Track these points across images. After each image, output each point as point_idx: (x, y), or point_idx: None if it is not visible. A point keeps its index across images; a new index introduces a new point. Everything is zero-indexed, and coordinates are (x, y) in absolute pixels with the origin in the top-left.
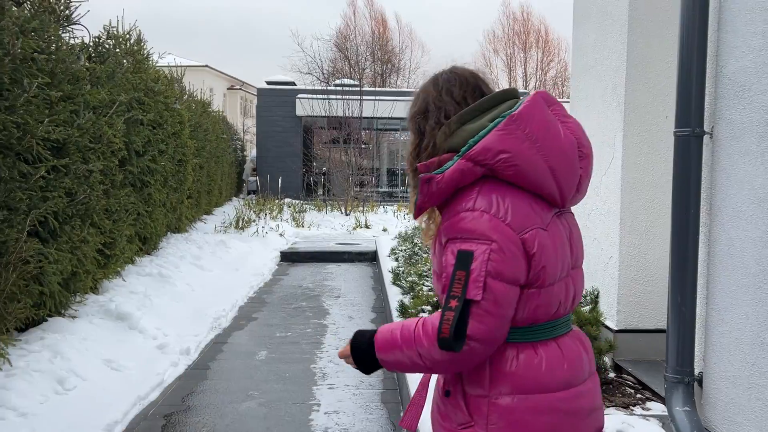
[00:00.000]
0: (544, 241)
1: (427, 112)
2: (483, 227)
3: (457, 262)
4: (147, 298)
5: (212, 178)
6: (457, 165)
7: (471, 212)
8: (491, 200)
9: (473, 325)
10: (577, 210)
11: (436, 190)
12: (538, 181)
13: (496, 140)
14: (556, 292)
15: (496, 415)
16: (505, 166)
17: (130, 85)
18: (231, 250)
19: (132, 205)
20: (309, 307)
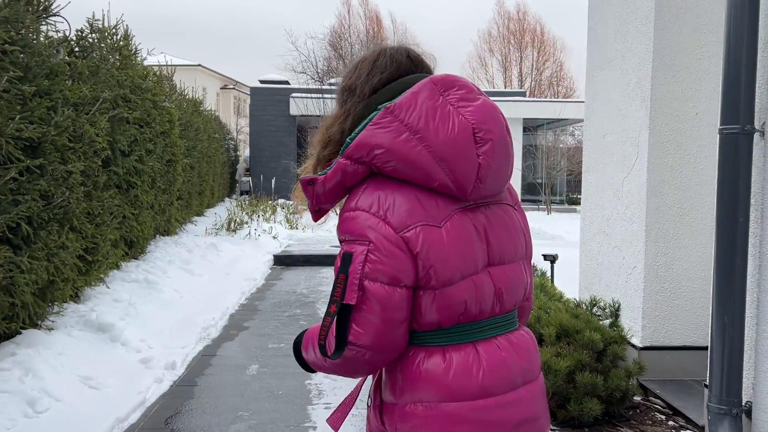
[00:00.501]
0: (431, 238)
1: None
2: (360, 227)
3: (340, 265)
4: (132, 306)
5: (204, 179)
6: (337, 165)
7: (352, 212)
8: (373, 198)
9: (353, 330)
10: (595, 215)
11: (323, 192)
12: (423, 175)
13: (369, 135)
14: (460, 293)
15: (403, 423)
16: (382, 163)
17: (115, 81)
18: (222, 254)
19: (117, 207)
20: (303, 315)
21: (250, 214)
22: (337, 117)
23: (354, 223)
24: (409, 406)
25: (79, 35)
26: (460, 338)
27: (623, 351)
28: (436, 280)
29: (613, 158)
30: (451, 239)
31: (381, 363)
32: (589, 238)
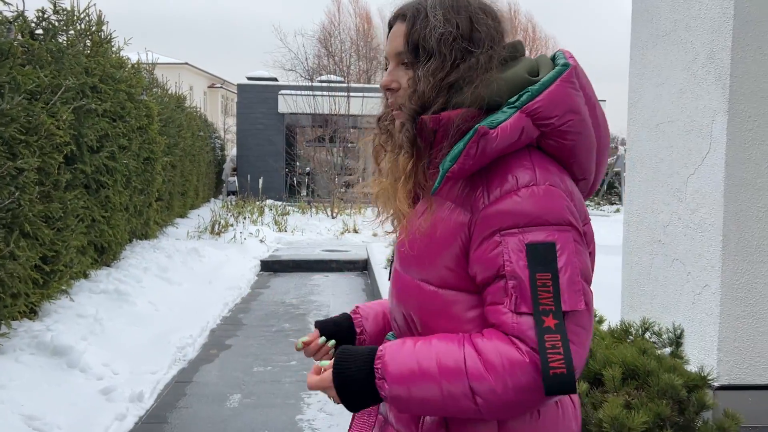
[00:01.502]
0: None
1: (472, 38)
2: (559, 207)
3: (531, 261)
4: (97, 322)
5: (187, 179)
6: (516, 120)
7: (537, 187)
8: (552, 173)
9: (575, 350)
10: (645, 220)
11: (482, 151)
12: (588, 161)
13: (566, 94)
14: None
15: None
16: (569, 133)
17: (82, 69)
18: (204, 260)
19: (84, 210)
20: (293, 331)
21: (236, 215)
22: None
23: (549, 201)
24: None
25: (40, 16)
26: None
27: (709, 399)
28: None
29: (671, 151)
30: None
31: None
32: (636, 247)
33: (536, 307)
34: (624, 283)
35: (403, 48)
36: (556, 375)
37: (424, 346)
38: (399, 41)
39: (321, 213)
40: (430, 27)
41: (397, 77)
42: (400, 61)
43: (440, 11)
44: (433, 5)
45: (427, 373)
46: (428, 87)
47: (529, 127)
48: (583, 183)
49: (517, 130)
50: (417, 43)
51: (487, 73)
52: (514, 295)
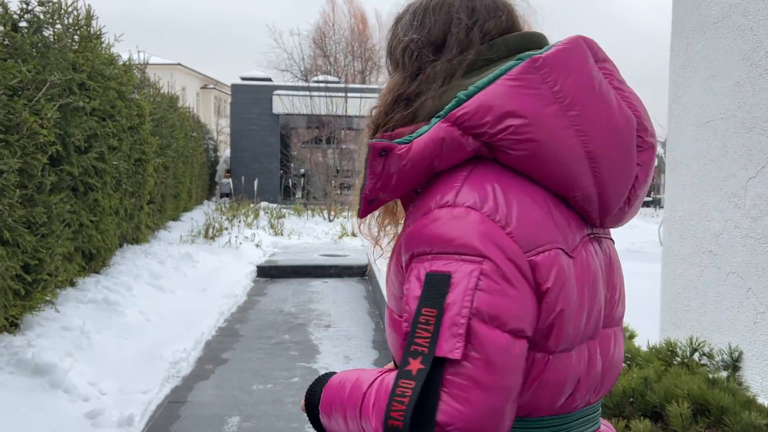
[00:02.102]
0: (565, 273)
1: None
2: (469, 233)
3: (424, 293)
4: (84, 335)
5: (180, 180)
6: (434, 130)
7: (450, 209)
8: (486, 193)
9: (448, 404)
10: (692, 228)
11: (398, 170)
12: (568, 174)
13: (505, 95)
14: (574, 363)
15: None
16: (515, 141)
17: (69, 64)
18: (198, 265)
19: (70, 214)
20: (293, 343)
21: (230, 218)
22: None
23: (457, 226)
24: None
25: (24, 7)
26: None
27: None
28: (557, 339)
29: (725, 151)
30: (581, 280)
31: None
32: (679, 258)
33: (408, 347)
34: (664, 296)
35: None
36: (391, 427)
37: (354, 376)
38: None
39: (317, 216)
40: (395, 36)
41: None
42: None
43: (414, 16)
44: (411, 10)
45: (339, 402)
46: (383, 104)
47: (454, 138)
48: (584, 201)
49: (435, 143)
50: (389, 52)
51: (444, 82)
52: (404, 332)
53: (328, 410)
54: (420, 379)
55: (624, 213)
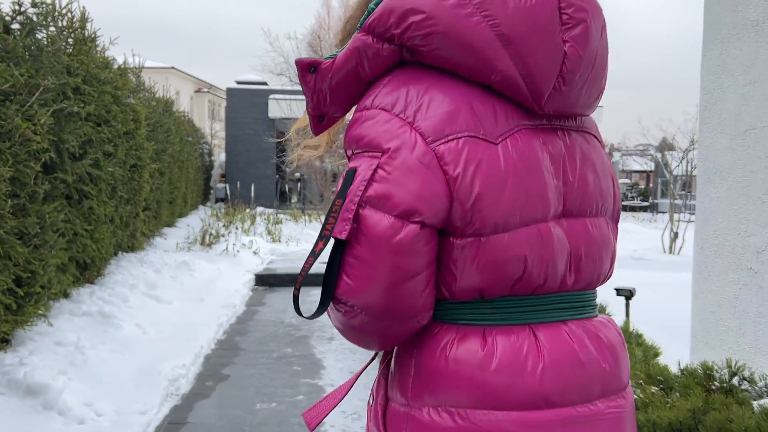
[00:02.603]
0: (481, 157)
1: None
2: (374, 131)
3: (341, 187)
4: (79, 351)
5: (175, 186)
6: (351, 42)
7: (366, 111)
8: (399, 94)
9: (343, 279)
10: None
11: (329, 86)
12: (478, 61)
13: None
14: (519, 246)
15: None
16: (421, 36)
17: (63, 68)
18: (195, 274)
19: (64, 223)
20: (296, 357)
21: (226, 225)
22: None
23: (365, 127)
24: (426, 411)
25: (16, 9)
26: (511, 316)
27: None
28: (483, 221)
29: None
30: (511, 164)
31: (389, 336)
32: (714, 274)
33: (320, 232)
34: (696, 315)
35: None
36: (294, 296)
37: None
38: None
39: (315, 221)
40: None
41: None
42: None
43: None
44: None
45: None
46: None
47: (370, 45)
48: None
49: (353, 53)
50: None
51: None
52: None
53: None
54: (319, 256)
55: (564, 93)
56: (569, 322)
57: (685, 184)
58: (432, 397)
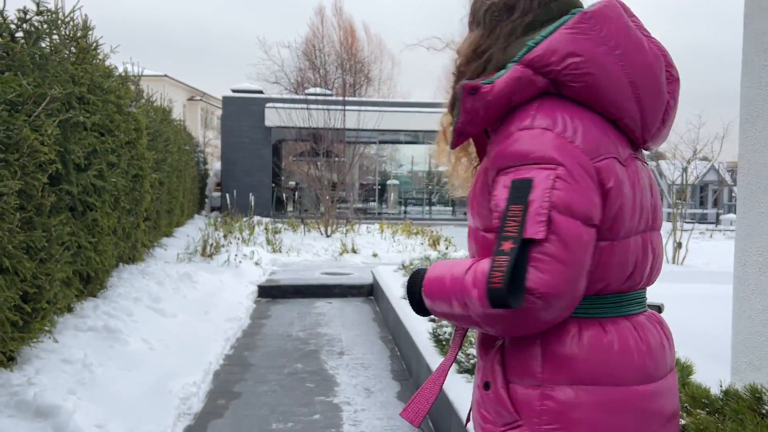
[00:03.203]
0: (620, 176)
1: (513, 7)
2: (545, 147)
3: (510, 195)
4: (86, 369)
5: (173, 195)
6: (511, 72)
7: (529, 130)
8: (555, 118)
9: (534, 273)
10: None
11: (482, 105)
12: (617, 100)
13: (564, 40)
14: (633, 249)
15: (552, 411)
16: (576, 75)
17: (69, 77)
18: (198, 286)
19: (70, 236)
20: (307, 372)
21: (226, 235)
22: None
23: (535, 143)
24: (559, 390)
25: (22, 17)
26: (614, 310)
27: None
28: (619, 227)
29: None
30: (633, 183)
31: (553, 322)
32: (758, 292)
33: (501, 233)
34: (738, 334)
35: (468, 18)
36: (492, 289)
37: (449, 267)
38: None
39: (313, 231)
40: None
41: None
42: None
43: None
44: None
45: (443, 289)
46: (463, 56)
47: (527, 77)
48: (630, 122)
49: (513, 81)
50: (473, 13)
51: (506, 40)
52: (497, 224)
53: (432, 295)
54: (512, 254)
55: (660, 132)
56: (640, 315)
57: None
58: (566, 376)
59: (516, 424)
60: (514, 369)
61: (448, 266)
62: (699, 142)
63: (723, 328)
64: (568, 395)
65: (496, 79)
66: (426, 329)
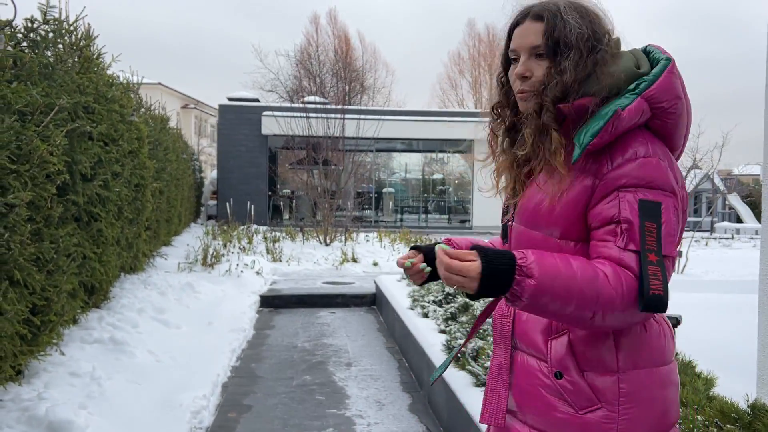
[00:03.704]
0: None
1: (596, 37)
2: (665, 176)
3: (641, 212)
4: (95, 382)
5: (172, 204)
6: (638, 103)
7: (650, 159)
8: (656, 148)
9: (656, 284)
10: None
11: (617, 127)
12: (682, 137)
13: (673, 83)
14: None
15: (627, 393)
16: (673, 114)
17: (75, 86)
18: (200, 296)
19: (76, 247)
20: (317, 384)
21: (225, 244)
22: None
23: (658, 171)
24: (632, 373)
25: (29, 26)
26: None
27: None
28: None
29: None
30: None
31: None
32: None
33: (643, 246)
34: (765, 347)
35: (540, 42)
36: (654, 296)
37: (563, 260)
38: (534, 37)
39: (312, 240)
40: (569, 27)
41: (530, 67)
42: (534, 54)
43: (573, 14)
44: (566, 9)
45: (570, 278)
46: (572, 78)
47: (646, 109)
48: (675, 154)
49: (639, 112)
50: (558, 39)
51: (609, 66)
52: (624, 234)
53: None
54: (661, 265)
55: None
56: None
57: None
58: (639, 360)
59: (594, 407)
60: (587, 359)
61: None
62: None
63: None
64: (640, 378)
65: (625, 107)
66: (439, 341)
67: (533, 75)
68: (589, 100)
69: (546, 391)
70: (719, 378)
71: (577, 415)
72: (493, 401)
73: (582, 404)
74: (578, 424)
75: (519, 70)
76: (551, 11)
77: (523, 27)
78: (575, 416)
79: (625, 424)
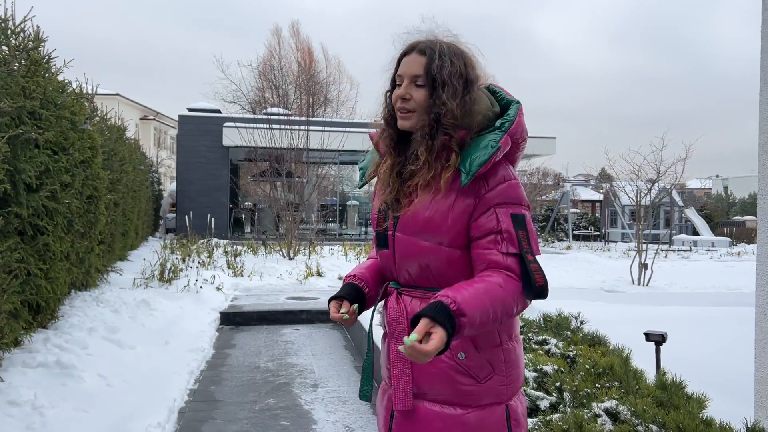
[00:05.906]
0: None
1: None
2: (523, 195)
3: (514, 223)
4: (37, 411)
5: (128, 217)
6: (506, 139)
7: (513, 182)
8: (513, 173)
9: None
10: None
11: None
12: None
13: (523, 122)
14: None
15: (507, 358)
16: (522, 145)
17: (19, 89)
18: (157, 313)
19: (19, 263)
20: (281, 408)
21: (184, 258)
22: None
23: (519, 190)
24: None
25: None
26: None
27: None
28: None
29: None
30: None
31: None
32: None
33: (521, 249)
34: (762, 368)
35: (421, 73)
36: (539, 286)
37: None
38: (417, 68)
39: (275, 254)
40: (446, 66)
41: (410, 92)
42: (414, 81)
43: (448, 54)
44: (443, 49)
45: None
46: (458, 111)
47: (509, 143)
48: None
49: (507, 145)
50: (435, 74)
51: (478, 105)
52: (505, 242)
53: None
54: (537, 263)
55: None
56: None
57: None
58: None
59: (490, 376)
60: (480, 340)
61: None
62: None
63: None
64: (511, 345)
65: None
66: None
67: (412, 98)
68: (465, 133)
69: (452, 370)
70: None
71: (479, 384)
72: (400, 389)
73: (482, 375)
74: (482, 391)
75: (400, 92)
76: (433, 50)
77: (409, 57)
78: (478, 385)
79: (512, 383)
